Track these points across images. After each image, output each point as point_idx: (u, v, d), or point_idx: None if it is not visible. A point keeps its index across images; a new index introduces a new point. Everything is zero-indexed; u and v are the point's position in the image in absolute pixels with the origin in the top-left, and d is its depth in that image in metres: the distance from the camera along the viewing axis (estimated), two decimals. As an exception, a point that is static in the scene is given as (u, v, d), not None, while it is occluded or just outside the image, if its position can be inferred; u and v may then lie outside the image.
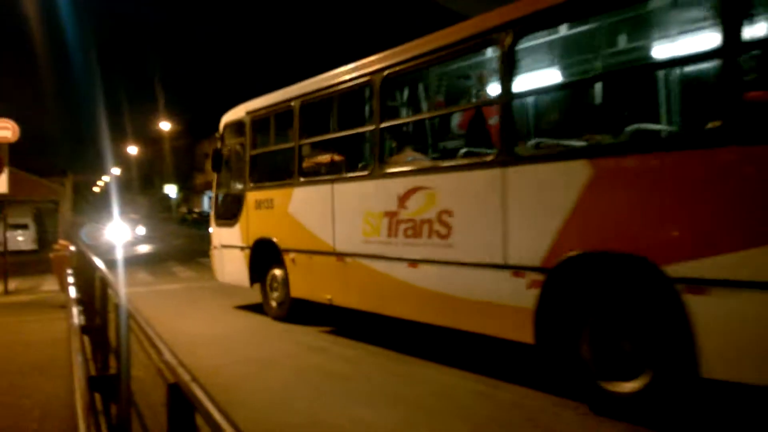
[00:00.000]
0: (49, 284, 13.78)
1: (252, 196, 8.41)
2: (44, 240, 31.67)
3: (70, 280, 7.46)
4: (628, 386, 3.96)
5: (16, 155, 12.35)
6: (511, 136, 4.71)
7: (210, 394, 1.38)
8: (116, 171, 61.22)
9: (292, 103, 7.55)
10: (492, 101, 5.86)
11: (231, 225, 8.87)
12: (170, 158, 50.91)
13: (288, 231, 7.65)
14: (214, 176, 9.50)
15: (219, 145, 9.24)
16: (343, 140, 7.25)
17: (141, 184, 64.46)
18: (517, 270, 4.59)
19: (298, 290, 7.62)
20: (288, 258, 7.68)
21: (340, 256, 6.72)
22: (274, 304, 8.22)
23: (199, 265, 16.90)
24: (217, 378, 5.15)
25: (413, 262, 5.64)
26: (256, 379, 5.34)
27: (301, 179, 7.44)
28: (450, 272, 5.25)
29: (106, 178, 61.89)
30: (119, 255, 21.08)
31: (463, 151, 5.60)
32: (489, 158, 4.96)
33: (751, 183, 3.34)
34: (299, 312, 7.87)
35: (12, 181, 12.18)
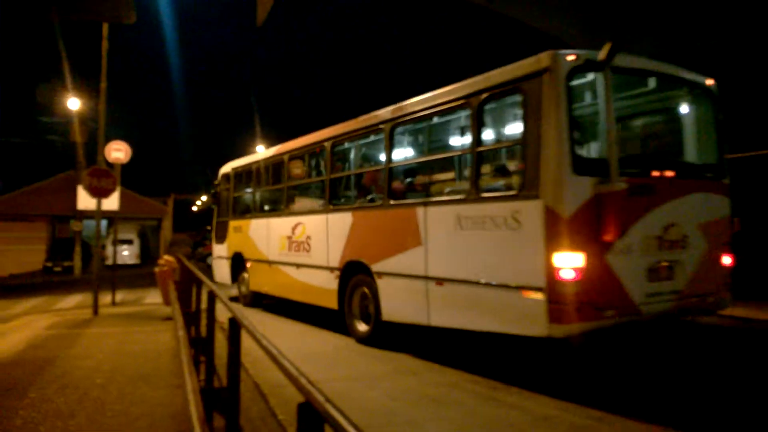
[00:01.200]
0: (152, 297, 14.52)
1: (233, 224, 12.62)
2: (147, 255, 33.59)
3: (174, 294, 7.78)
4: (364, 327, 7.92)
5: (124, 175, 13.17)
6: (331, 197, 8.85)
7: (346, 414, 1.32)
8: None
9: (252, 166, 11.84)
10: (320, 180, 9.52)
11: (221, 243, 13.16)
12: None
13: (248, 247, 11.69)
14: (214, 209, 13.84)
15: (216, 188, 13.71)
16: (270, 193, 11.40)
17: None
18: (332, 269, 8.55)
19: (254, 286, 11.52)
20: (248, 265, 11.67)
21: (270, 263, 10.63)
22: (242, 297, 12.09)
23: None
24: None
25: (297, 266, 9.62)
26: (361, 398, 5.31)
27: (254, 213, 11.68)
28: (309, 271, 9.25)
29: (204, 198, 65.11)
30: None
31: (318, 202, 9.55)
32: (321, 207, 9.08)
33: (396, 224, 7.20)
34: (257, 302, 11.71)
35: (121, 200, 12.98)
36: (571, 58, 5.34)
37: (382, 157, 7.89)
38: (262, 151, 12.02)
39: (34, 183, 37.46)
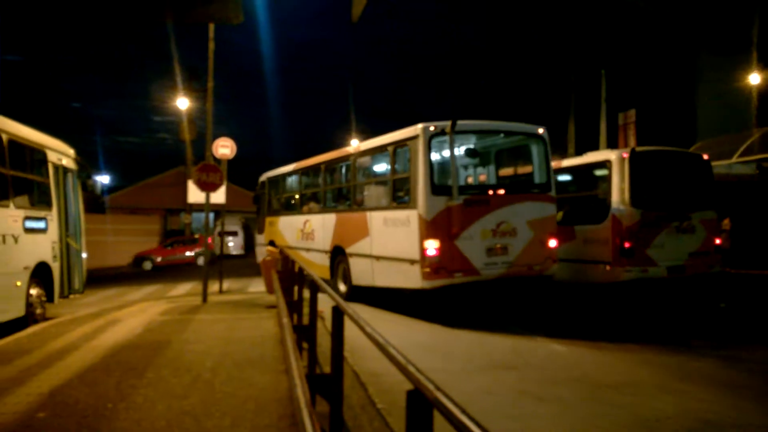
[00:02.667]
0: (255, 286, 15.18)
1: (267, 220, 16.86)
2: (250, 246, 35.13)
3: (277, 284, 8.06)
4: (344, 288, 11.64)
5: (229, 170, 13.83)
6: (324, 202, 13.22)
7: (456, 401, 1.28)
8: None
9: (278, 177, 16.12)
10: (317, 190, 14.05)
11: (261, 233, 17.39)
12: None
13: (277, 236, 15.75)
14: (257, 208, 18.12)
15: (257, 191, 18.01)
16: (289, 197, 15.94)
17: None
18: (326, 251, 12.40)
19: None
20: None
21: (291, 248, 13.93)
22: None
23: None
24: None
25: (307, 249, 13.59)
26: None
27: (280, 212, 16.11)
28: (313, 253, 13.20)
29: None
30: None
31: (318, 206, 13.51)
32: (319, 210, 13.19)
33: (357, 222, 11.07)
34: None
35: (227, 193, 13.63)
36: (431, 128, 9.08)
37: (350, 177, 12.22)
38: (289, 165, 15.41)
39: (147, 179, 40.30)
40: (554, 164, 10.45)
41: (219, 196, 12.94)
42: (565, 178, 11.79)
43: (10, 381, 5.56)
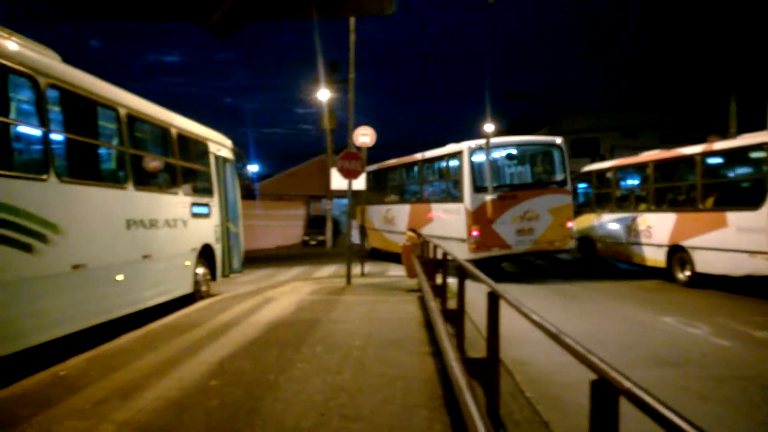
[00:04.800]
0: (394, 270, 15.54)
1: (358, 208, 19.96)
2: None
3: (420, 268, 8.19)
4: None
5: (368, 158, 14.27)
6: (403, 196, 18.21)
7: (649, 391, 1.22)
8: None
9: (369, 173, 16.32)
10: (398, 185, 19.08)
11: (354, 218, 17.83)
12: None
13: (367, 222, 19.76)
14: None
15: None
16: (378, 190, 19.09)
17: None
18: (402, 233, 15.47)
19: (372, 244, 19.69)
20: (368, 231, 19.88)
21: (376, 230, 18.86)
22: (365, 250, 18.69)
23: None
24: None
25: (389, 232, 17.92)
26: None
27: (369, 202, 19.38)
28: (394, 234, 17.26)
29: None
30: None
31: (398, 197, 18.17)
32: (398, 200, 18.16)
33: (424, 211, 15.66)
34: (374, 254, 19.58)
35: (366, 180, 14.04)
36: (473, 146, 12.87)
37: (421, 177, 16.65)
38: (373, 165, 19.14)
39: (291, 168, 42.69)
40: (705, 147, 11.25)
41: (360, 183, 13.36)
42: (717, 161, 11.65)
43: (185, 351, 6.19)
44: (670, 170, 13.00)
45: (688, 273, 11.45)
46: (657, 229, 12.46)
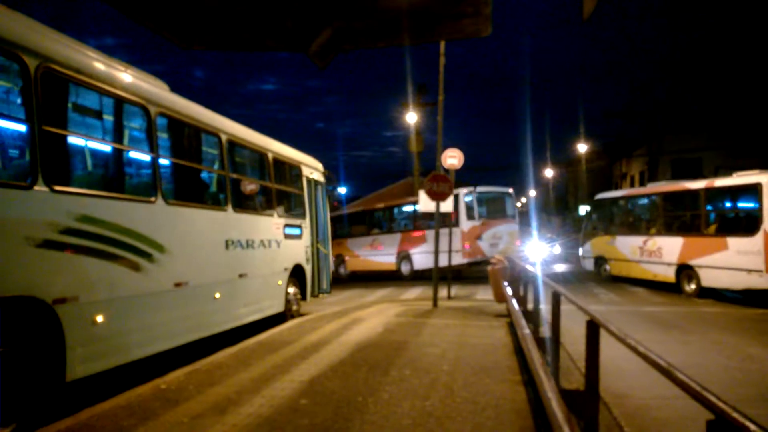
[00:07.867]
0: (482, 293, 15.27)
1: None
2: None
3: (509, 291, 8.00)
4: (407, 270, 22.40)
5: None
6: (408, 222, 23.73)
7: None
8: (533, 193, 64.93)
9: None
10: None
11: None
12: (585, 179, 51.17)
13: (345, 251, 24.66)
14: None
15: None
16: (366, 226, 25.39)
17: (557, 204, 66.67)
18: (393, 254, 22.48)
19: (350, 267, 24.76)
20: (346, 258, 24.51)
21: (356, 256, 24.67)
22: (343, 275, 24.64)
23: (621, 289, 16.29)
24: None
25: (373, 255, 24.00)
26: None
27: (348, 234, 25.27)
28: (379, 258, 23.22)
29: (524, 200, 66.20)
30: (538, 272, 21.96)
31: (383, 229, 24.52)
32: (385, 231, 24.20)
33: (416, 236, 22.24)
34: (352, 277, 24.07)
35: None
36: (465, 191, 19.44)
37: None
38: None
39: (379, 190, 43.30)
40: (707, 184, 13.99)
41: (447, 205, 13.30)
42: (718, 195, 14.28)
43: (277, 368, 6.35)
44: (677, 201, 15.71)
45: (694, 286, 13.94)
46: (666, 250, 14.96)
